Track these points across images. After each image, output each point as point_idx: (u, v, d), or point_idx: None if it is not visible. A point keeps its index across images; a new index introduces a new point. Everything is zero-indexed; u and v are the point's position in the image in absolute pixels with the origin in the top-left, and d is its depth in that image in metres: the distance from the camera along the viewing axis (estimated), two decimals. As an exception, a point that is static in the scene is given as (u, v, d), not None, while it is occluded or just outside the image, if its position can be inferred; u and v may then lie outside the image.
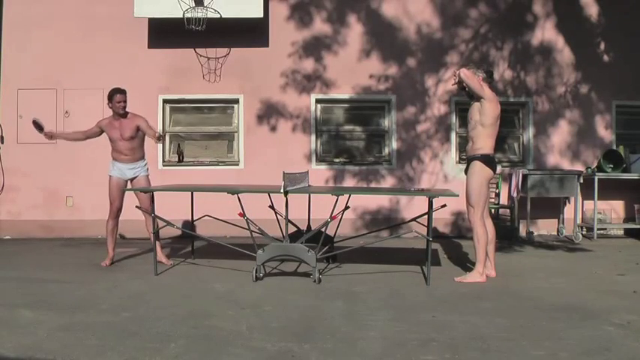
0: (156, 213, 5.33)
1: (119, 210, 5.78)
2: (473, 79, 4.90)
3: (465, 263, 5.96)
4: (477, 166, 4.99)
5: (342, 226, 5.83)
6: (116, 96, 5.64)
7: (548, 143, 8.42)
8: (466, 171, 5.14)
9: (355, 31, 8.37)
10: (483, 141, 5.00)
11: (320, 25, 8.36)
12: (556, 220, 8.37)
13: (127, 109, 5.76)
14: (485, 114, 4.95)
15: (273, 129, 8.31)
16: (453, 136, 8.37)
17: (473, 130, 5.05)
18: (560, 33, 8.42)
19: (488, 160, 4.99)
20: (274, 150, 8.18)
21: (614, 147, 8.30)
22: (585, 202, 8.33)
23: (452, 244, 7.44)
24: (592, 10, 8.43)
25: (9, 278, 5.12)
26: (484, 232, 5.00)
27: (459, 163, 8.23)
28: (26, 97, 8.20)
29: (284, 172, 5.01)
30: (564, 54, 8.42)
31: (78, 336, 3.37)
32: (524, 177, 7.84)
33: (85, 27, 8.24)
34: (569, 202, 8.26)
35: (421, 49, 8.38)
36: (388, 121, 8.44)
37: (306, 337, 3.37)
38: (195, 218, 6.06)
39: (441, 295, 4.48)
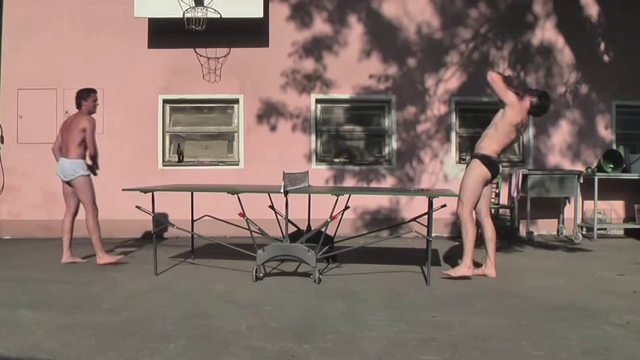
0: (156, 213, 5.34)
1: None
2: (498, 83, 4.95)
3: (465, 263, 5.96)
4: (475, 164, 5.04)
5: (342, 226, 5.84)
6: (93, 95, 5.87)
7: (548, 143, 8.42)
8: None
9: (355, 31, 8.37)
10: (489, 143, 5.05)
11: (320, 25, 8.35)
12: (556, 220, 8.37)
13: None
14: (504, 119, 4.99)
15: (273, 129, 8.31)
16: (453, 136, 8.37)
17: (487, 129, 5.12)
18: (560, 33, 8.42)
19: (488, 162, 5.01)
20: (274, 150, 8.17)
21: (614, 147, 8.30)
22: (585, 202, 8.33)
23: (452, 244, 7.44)
24: (592, 10, 8.43)
25: (9, 278, 5.12)
26: (473, 227, 5.04)
27: (459, 163, 8.23)
28: (26, 97, 8.21)
29: (284, 172, 5.01)
30: (564, 54, 8.42)
31: (78, 336, 3.37)
32: (524, 177, 7.83)
33: (85, 27, 8.24)
34: (569, 202, 8.26)
35: (421, 49, 8.38)
36: (388, 121, 8.43)
37: (306, 337, 3.37)
38: (195, 218, 6.06)
39: (441, 295, 4.48)
